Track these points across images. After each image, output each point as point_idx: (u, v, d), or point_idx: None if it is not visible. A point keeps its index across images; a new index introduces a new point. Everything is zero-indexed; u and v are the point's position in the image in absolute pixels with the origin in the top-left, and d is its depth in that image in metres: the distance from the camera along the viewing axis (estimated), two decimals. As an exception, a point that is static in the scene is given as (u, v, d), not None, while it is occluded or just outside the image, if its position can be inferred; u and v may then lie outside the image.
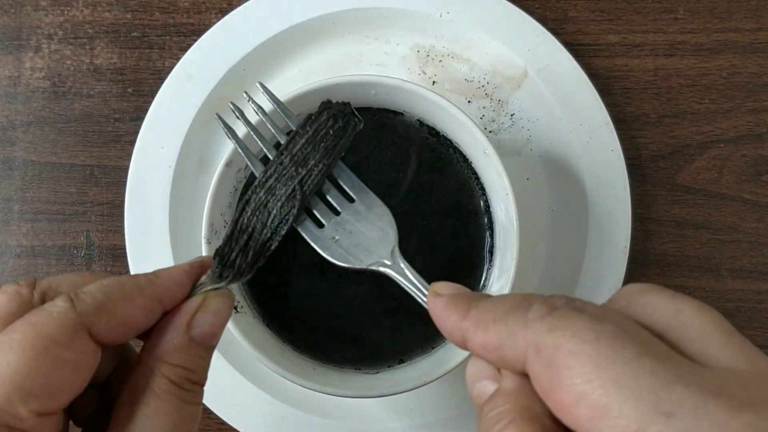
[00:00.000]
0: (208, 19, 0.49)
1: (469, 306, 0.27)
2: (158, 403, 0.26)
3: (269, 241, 0.35)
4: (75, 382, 0.25)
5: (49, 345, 0.24)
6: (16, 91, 0.50)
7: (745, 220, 0.49)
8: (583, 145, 0.47)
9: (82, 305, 0.26)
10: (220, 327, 0.29)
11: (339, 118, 0.37)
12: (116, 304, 0.27)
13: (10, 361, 0.24)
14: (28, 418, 0.24)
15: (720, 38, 0.49)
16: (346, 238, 0.37)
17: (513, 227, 0.39)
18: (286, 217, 0.35)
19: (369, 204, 0.37)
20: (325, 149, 0.36)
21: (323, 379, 0.40)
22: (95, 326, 0.26)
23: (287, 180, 0.36)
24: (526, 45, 0.47)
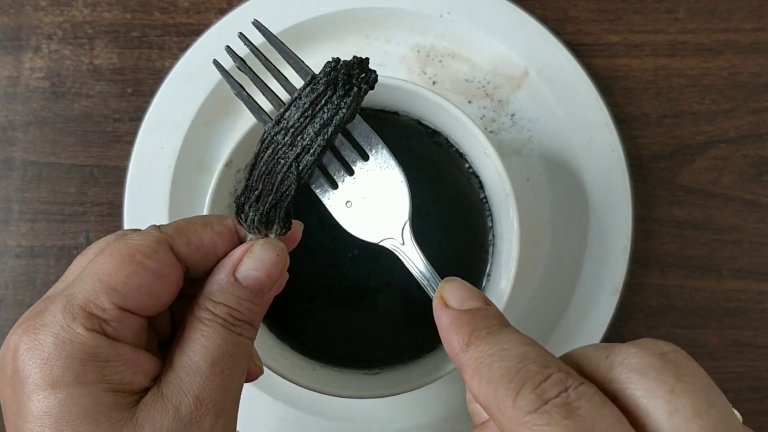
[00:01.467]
0: (207, 19, 0.49)
1: (471, 335, 0.27)
2: (204, 329, 0.29)
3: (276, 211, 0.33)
4: (156, 288, 0.29)
5: (134, 253, 0.28)
6: (15, 92, 0.49)
7: (746, 221, 0.49)
8: (584, 145, 0.46)
9: (166, 227, 0.30)
10: (266, 274, 0.31)
11: (340, 84, 0.33)
12: (196, 228, 0.31)
13: (102, 264, 0.28)
14: (111, 309, 0.27)
15: (721, 38, 0.49)
16: (359, 203, 0.34)
17: (513, 227, 0.39)
18: (287, 192, 0.33)
19: (383, 164, 0.34)
20: (322, 123, 0.33)
21: (323, 379, 0.40)
22: (175, 243, 0.30)
23: (283, 157, 0.33)
24: (526, 45, 0.47)
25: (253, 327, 0.31)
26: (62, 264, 0.49)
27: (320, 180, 0.34)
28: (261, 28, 0.36)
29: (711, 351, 0.48)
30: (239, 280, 0.30)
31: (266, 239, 0.32)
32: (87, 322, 0.27)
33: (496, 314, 0.29)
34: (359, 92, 0.34)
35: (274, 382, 0.46)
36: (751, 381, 0.48)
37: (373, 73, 0.34)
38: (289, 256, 0.32)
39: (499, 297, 0.39)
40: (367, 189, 0.34)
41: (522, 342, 0.26)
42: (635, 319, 0.48)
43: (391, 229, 0.34)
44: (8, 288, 0.49)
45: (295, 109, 0.33)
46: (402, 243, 0.34)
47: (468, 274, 0.42)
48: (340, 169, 0.34)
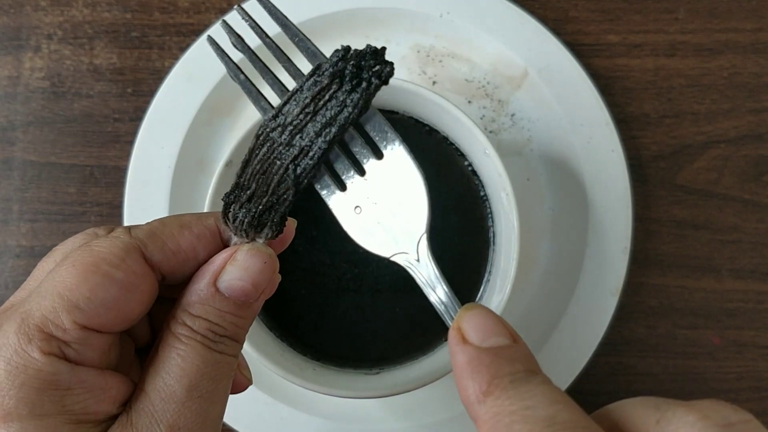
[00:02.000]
0: (207, 19, 0.49)
1: (490, 383, 0.23)
2: (181, 347, 0.26)
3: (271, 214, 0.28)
4: (125, 302, 0.25)
5: (98, 263, 0.25)
6: (15, 92, 0.49)
7: (746, 221, 0.48)
8: (584, 145, 0.46)
9: (137, 231, 0.27)
10: (252, 283, 0.27)
11: (347, 77, 0.28)
12: (171, 231, 0.27)
13: (63, 276, 0.25)
14: (72, 329, 0.24)
15: (720, 38, 0.49)
16: (370, 209, 0.29)
17: (513, 227, 0.39)
18: (284, 197, 0.28)
19: (399, 164, 0.29)
20: (324, 122, 0.28)
21: (323, 380, 0.40)
22: (148, 249, 0.26)
23: (279, 157, 0.28)
24: (526, 45, 0.47)
25: (238, 342, 0.27)
26: (62, 264, 0.49)
27: (326, 179, 0.30)
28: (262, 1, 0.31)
29: (711, 351, 0.48)
30: (221, 290, 0.27)
31: (252, 244, 0.28)
32: (44, 345, 0.24)
33: (523, 356, 0.25)
34: (368, 88, 0.28)
35: (274, 382, 0.46)
36: (751, 381, 0.48)
37: (389, 65, 0.29)
38: (278, 261, 0.28)
39: (499, 297, 0.39)
40: (379, 193, 0.30)
41: (551, 399, 0.22)
42: (635, 319, 0.48)
43: (406, 242, 0.30)
44: (8, 288, 0.49)
45: (295, 104, 0.28)
46: (417, 260, 0.30)
47: (468, 274, 0.42)
48: (349, 167, 0.30)
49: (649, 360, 0.48)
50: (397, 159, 0.29)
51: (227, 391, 0.27)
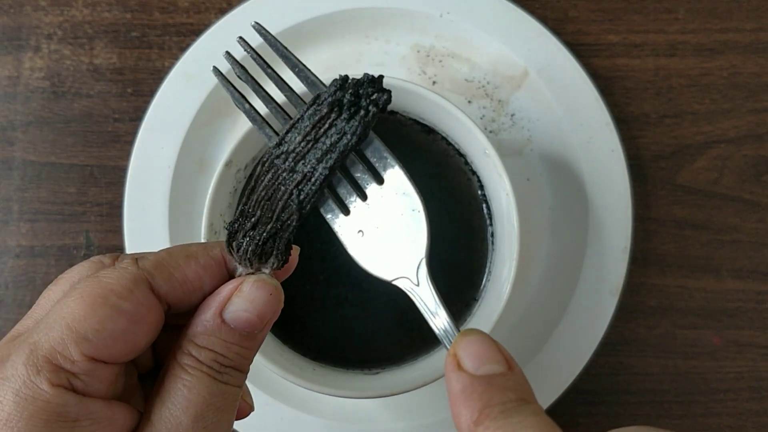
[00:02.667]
0: (207, 19, 0.49)
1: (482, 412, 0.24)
2: (187, 378, 0.26)
3: (275, 242, 0.29)
4: (133, 333, 0.26)
5: (107, 294, 0.25)
6: (15, 91, 0.49)
7: (746, 221, 0.48)
8: (584, 145, 0.46)
9: (144, 262, 0.27)
10: (258, 316, 0.27)
11: (345, 105, 0.29)
12: (178, 261, 0.27)
13: (71, 307, 0.25)
14: (79, 361, 0.24)
15: (720, 38, 0.49)
16: (372, 233, 0.30)
17: (513, 227, 0.39)
18: (288, 222, 0.29)
19: (399, 189, 0.30)
20: (324, 150, 0.29)
21: (323, 380, 0.40)
22: (155, 280, 0.26)
23: (283, 183, 0.30)
24: (526, 45, 0.47)
25: (243, 373, 0.28)
26: (62, 264, 0.49)
27: (330, 204, 0.31)
28: (262, 32, 0.32)
29: (711, 351, 0.48)
30: (227, 321, 0.27)
31: (258, 275, 0.28)
32: (53, 377, 0.24)
33: (516, 385, 0.25)
34: (366, 115, 0.29)
35: (274, 382, 0.46)
36: (751, 381, 0.48)
37: (386, 93, 0.30)
38: (283, 296, 0.29)
39: (499, 297, 0.39)
40: (381, 217, 0.30)
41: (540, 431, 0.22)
42: (635, 319, 0.48)
43: (406, 266, 0.30)
44: (8, 288, 0.49)
45: (297, 132, 0.30)
46: (417, 284, 0.30)
47: (468, 274, 0.42)
48: (352, 192, 0.31)
49: (649, 360, 0.48)
50: (397, 184, 0.30)
51: (232, 421, 0.27)
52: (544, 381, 0.46)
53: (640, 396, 0.48)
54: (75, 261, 0.49)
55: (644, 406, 0.48)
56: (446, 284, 0.43)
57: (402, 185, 0.30)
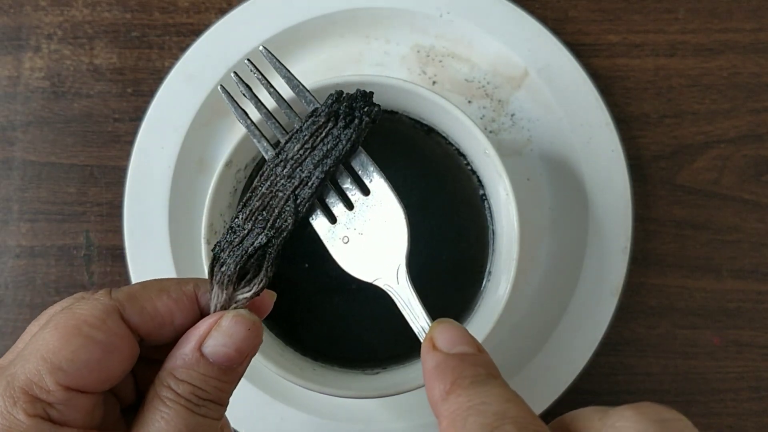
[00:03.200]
0: (207, 19, 0.49)
1: (453, 383, 0.25)
2: (165, 410, 0.27)
3: (267, 249, 0.31)
4: (107, 363, 0.26)
5: (80, 325, 0.26)
6: (15, 91, 0.49)
7: (746, 221, 0.49)
8: (584, 145, 0.46)
9: (117, 294, 0.28)
10: (237, 350, 0.28)
11: (341, 115, 0.33)
12: (150, 294, 0.28)
13: (46, 339, 0.26)
14: (56, 391, 0.25)
15: (720, 38, 0.49)
16: (356, 240, 0.33)
17: (513, 227, 0.39)
18: (284, 227, 0.31)
19: (382, 199, 0.33)
20: (321, 156, 0.32)
21: (323, 380, 0.40)
22: (127, 311, 0.27)
23: (281, 189, 0.32)
24: (526, 45, 0.47)
25: (222, 405, 0.28)
26: (62, 264, 0.49)
27: (318, 213, 0.33)
28: (268, 55, 0.35)
29: (711, 351, 0.48)
30: (206, 355, 0.28)
31: (237, 311, 0.29)
32: (29, 407, 0.25)
33: (485, 362, 0.27)
34: (360, 124, 0.32)
35: (274, 382, 0.46)
36: (751, 381, 0.48)
37: (377, 106, 0.33)
38: (262, 330, 0.30)
39: (499, 297, 0.39)
40: (365, 225, 0.33)
41: (505, 398, 0.24)
42: (635, 319, 0.48)
43: (386, 268, 0.33)
44: (8, 288, 0.49)
45: (296, 141, 0.33)
46: (397, 283, 0.33)
47: (468, 274, 0.42)
48: (339, 202, 0.33)
49: (649, 360, 0.48)
50: (381, 194, 0.33)
51: None
52: (544, 381, 0.46)
53: (640, 396, 0.48)
54: (75, 261, 0.49)
55: (644, 406, 0.48)
56: (446, 284, 0.43)
57: (385, 195, 0.33)
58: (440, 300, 0.43)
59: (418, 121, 0.42)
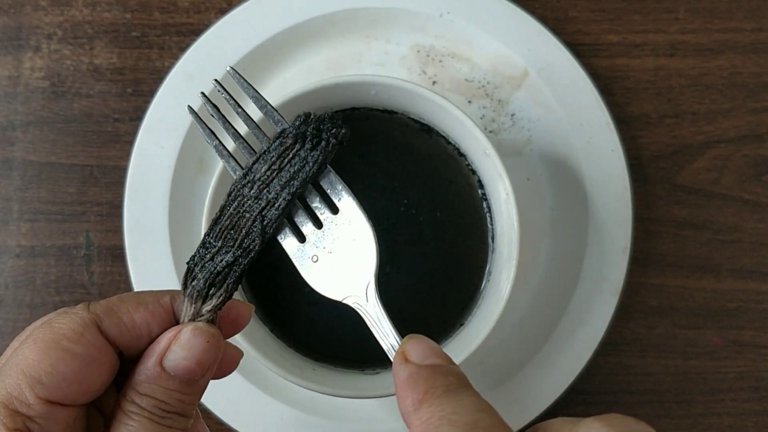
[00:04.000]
0: (207, 19, 0.49)
1: (426, 393, 0.26)
2: (130, 423, 0.27)
3: (234, 267, 0.32)
4: (86, 375, 0.27)
5: (59, 339, 0.26)
6: (15, 91, 0.49)
7: (746, 221, 0.49)
8: (584, 145, 0.46)
9: (96, 307, 0.28)
10: (197, 363, 0.28)
11: (308, 137, 0.33)
12: (128, 307, 0.28)
13: (25, 354, 0.26)
14: (35, 404, 0.25)
15: (720, 38, 0.49)
16: (325, 258, 0.33)
17: (513, 227, 0.39)
18: (251, 247, 0.32)
19: (351, 217, 0.33)
20: (288, 177, 0.32)
21: (323, 380, 0.40)
22: (104, 324, 0.28)
23: (248, 210, 0.32)
24: (526, 45, 0.47)
25: (186, 417, 0.29)
26: (62, 264, 0.49)
27: (287, 232, 0.33)
28: (236, 76, 0.35)
29: (711, 351, 0.48)
30: (167, 369, 0.28)
31: (195, 324, 0.29)
32: (9, 421, 0.25)
33: (457, 373, 0.27)
34: (327, 146, 0.32)
35: (274, 382, 0.46)
36: (751, 381, 0.48)
37: (344, 128, 0.33)
38: (222, 342, 0.30)
39: (499, 297, 0.39)
40: (333, 244, 0.33)
41: (477, 408, 0.25)
42: (635, 319, 0.48)
43: (356, 286, 0.33)
44: (8, 288, 0.49)
45: (263, 162, 0.33)
46: (366, 301, 0.33)
47: (468, 275, 0.42)
48: (308, 221, 0.33)
49: (649, 360, 0.48)
50: (349, 212, 0.33)
51: None
52: (544, 381, 0.46)
53: (640, 396, 0.48)
54: (75, 261, 0.49)
55: (644, 406, 0.48)
56: (446, 284, 0.43)
57: (354, 214, 0.33)
58: (440, 300, 0.43)
59: (418, 121, 0.42)
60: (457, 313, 0.42)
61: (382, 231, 0.41)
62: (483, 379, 0.46)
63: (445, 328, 0.42)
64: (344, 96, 0.41)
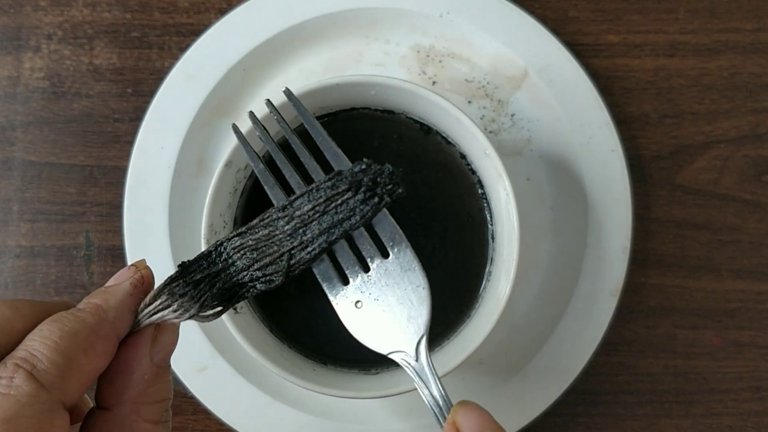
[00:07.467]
0: (207, 19, 0.49)
1: None
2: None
3: (242, 289, 0.30)
4: None
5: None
6: (15, 92, 0.49)
7: (746, 221, 0.49)
8: (584, 146, 0.46)
9: (48, 377, 0.22)
10: (176, 342, 0.27)
11: (363, 188, 0.31)
12: (79, 360, 0.23)
13: None
14: None
15: (720, 38, 0.49)
16: (371, 305, 0.31)
17: (513, 227, 0.39)
18: (269, 278, 0.30)
19: (405, 265, 0.31)
20: (330, 224, 0.30)
21: (323, 380, 0.40)
22: (67, 396, 0.23)
23: (278, 243, 0.30)
24: (526, 45, 0.47)
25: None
26: (62, 264, 0.49)
27: (329, 273, 0.31)
28: (292, 98, 0.33)
29: (711, 351, 0.48)
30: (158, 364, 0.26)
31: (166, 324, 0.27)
32: None
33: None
34: (379, 203, 0.30)
35: (274, 382, 0.46)
36: (751, 381, 0.48)
37: (401, 187, 0.31)
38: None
39: (499, 297, 0.39)
40: (381, 291, 0.31)
41: None
42: (635, 319, 0.48)
43: (405, 341, 0.31)
44: (8, 288, 0.49)
45: (307, 199, 0.31)
46: (416, 359, 0.31)
47: (468, 275, 0.42)
48: (355, 263, 0.31)
49: (649, 360, 0.48)
50: (403, 260, 0.31)
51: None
52: (544, 381, 0.46)
53: (640, 396, 0.48)
54: (75, 261, 0.49)
55: (644, 406, 0.48)
56: (446, 284, 0.43)
57: (408, 262, 0.31)
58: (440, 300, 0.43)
59: (417, 121, 0.42)
60: (457, 313, 0.42)
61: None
62: (483, 379, 0.46)
63: (445, 328, 0.42)
64: (344, 96, 0.41)
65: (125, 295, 0.26)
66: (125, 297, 0.26)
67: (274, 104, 0.34)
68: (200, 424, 0.48)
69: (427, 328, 0.31)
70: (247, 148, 0.33)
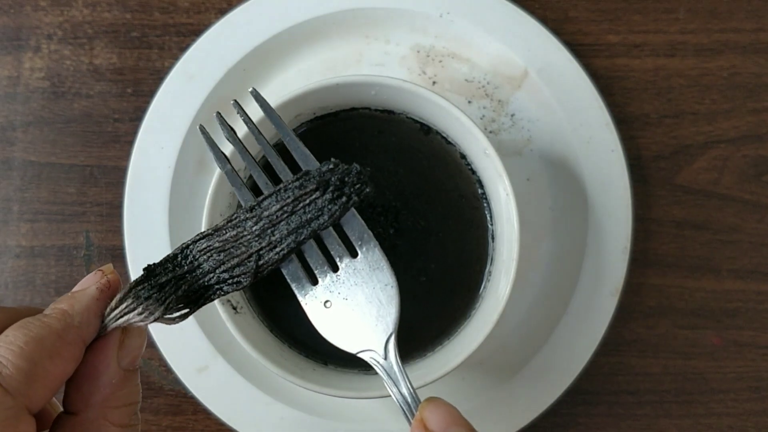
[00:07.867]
0: (207, 19, 0.49)
1: None
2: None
3: (209, 291, 0.29)
4: None
5: None
6: (15, 92, 0.49)
7: (746, 221, 0.48)
8: (584, 146, 0.46)
9: (13, 383, 0.23)
10: (143, 346, 0.27)
11: (330, 187, 0.30)
12: (45, 366, 0.23)
13: None
14: None
15: (720, 38, 0.49)
16: (340, 305, 0.31)
17: (513, 227, 0.39)
18: (237, 280, 0.29)
19: (373, 264, 0.31)
20: (298, 224, 0.30)
21: (323, 380, 0.40)
22: (33, 402, 0.23)
23: (245, 244, 0.30)
24: (526, 45, 0.47)
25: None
26: (62, 264, 0.49)
27: (298, 273, 0.31)
28: (259, 99, 0.33)
29: (711, 351, 0.48)
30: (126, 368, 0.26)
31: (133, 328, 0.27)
32: None
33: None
34: (347, 202, 0.30)
35: (274, 382, 0.46)
36: (751, 381, 0.48)
37: (369, 187, 0.31)
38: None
39: (499, 297, 0.39)
40: (350, 290, 0.31)
41: None
42: (635, 320, 0.48)
43: (374, 340, 0.31)
44: (8, 288, 0.49)
45: (275, 200, 0.31)
46: (384, 358, 0.31)
47: (468, 275, 0.42)
48: (323, 263, 0.31)
49: (649, 360, 0.48)
50: (371, 259, 0.31)
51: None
52: (544, 381, 0.46)
53: (640, 396, 0.48)
54: (75, 261, 0.49)
55: (644, 406, 0.48)
56: (446, 285, 0.43)
57: (376, 261, 0.31)
58: (440, 300, 0.43)
59: (417, 121, 0.42)
60: (457, 313, 0.42)
61: (380, 230, 0.42)
62: (483, 379, 0.46)
63: (446, 329, 0.42)
64: (344, 96, 0.41)
65: (91, 299, 0.26)
66: (91, 302, 0.26)
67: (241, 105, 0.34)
68: (200, 424, 0.48)
69: (395, 326, 0.31)
70: (214, 149, 0.33)
